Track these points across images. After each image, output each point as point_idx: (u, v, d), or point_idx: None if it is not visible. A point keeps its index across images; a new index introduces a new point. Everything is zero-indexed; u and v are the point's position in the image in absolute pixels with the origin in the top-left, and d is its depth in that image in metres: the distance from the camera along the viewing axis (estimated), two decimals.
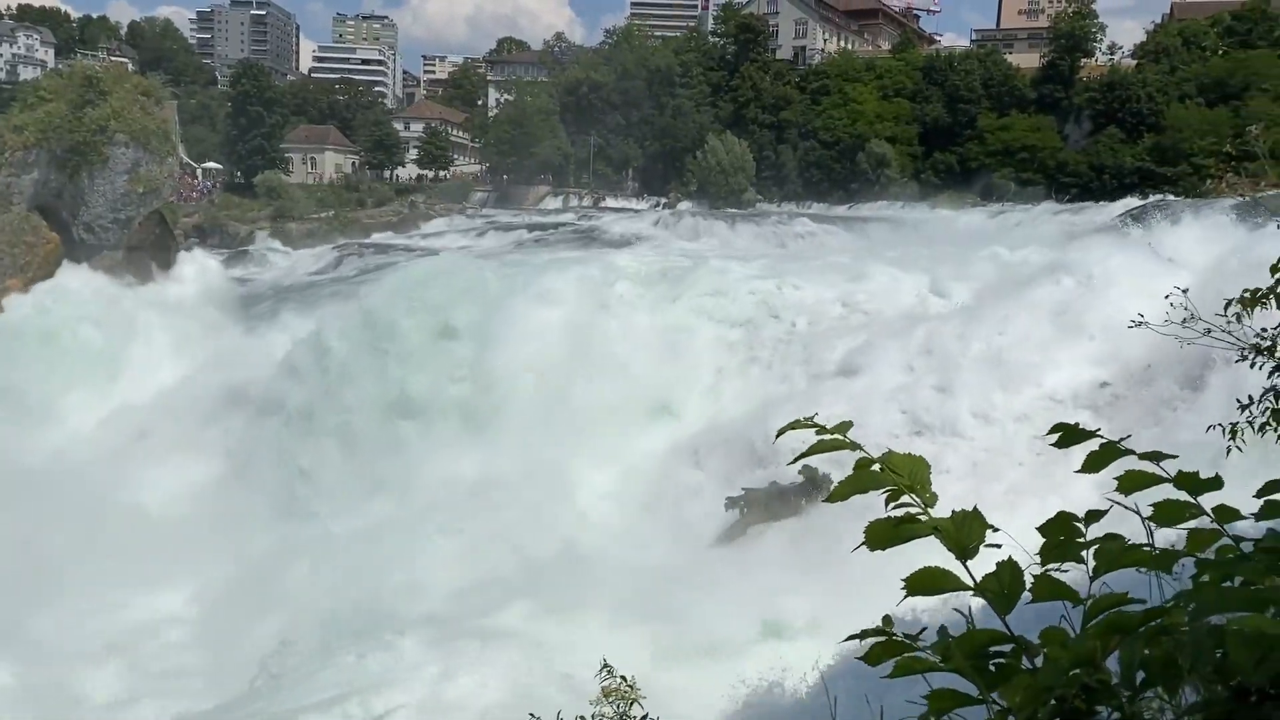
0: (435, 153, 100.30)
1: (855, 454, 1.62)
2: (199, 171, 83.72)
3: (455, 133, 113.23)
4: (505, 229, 64.46)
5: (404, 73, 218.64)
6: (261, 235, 65.19)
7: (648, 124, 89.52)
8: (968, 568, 1.51)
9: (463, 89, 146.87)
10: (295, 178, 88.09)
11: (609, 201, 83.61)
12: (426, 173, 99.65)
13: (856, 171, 77.56)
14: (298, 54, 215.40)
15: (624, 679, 5.33)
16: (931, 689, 1.43)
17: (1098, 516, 1.58)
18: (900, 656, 1.45)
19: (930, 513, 1.53)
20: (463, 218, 74.85)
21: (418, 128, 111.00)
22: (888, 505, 1.52)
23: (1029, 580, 1.52)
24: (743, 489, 20.31)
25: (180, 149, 68.76)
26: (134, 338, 36.55)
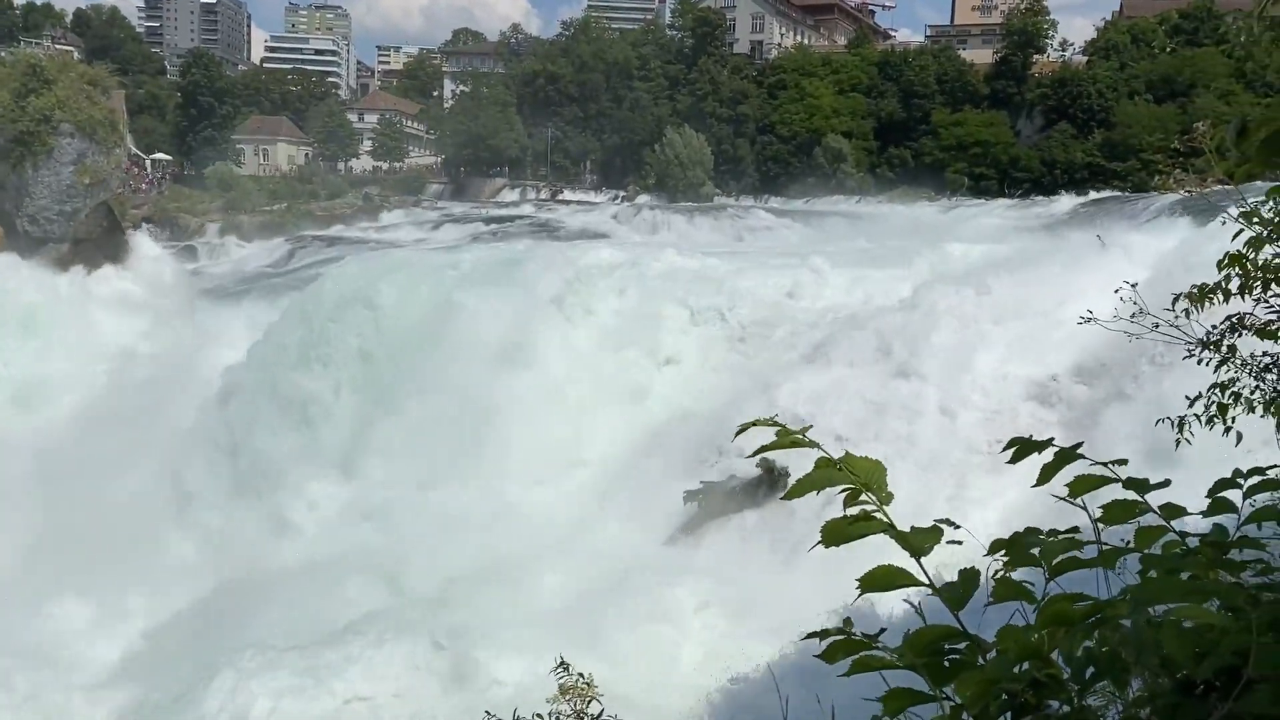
0: (390, 144, 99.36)
1: (814, 451, 1.63)
2: (148, 163, 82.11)
3: (410, 124, 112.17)
4: (462, 221, 64.03)
5: (358, 63, 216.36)
6: (212, 228, 64.15)
7: (605, 117, 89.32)
8: (922, 565, 1.52)
9: (418, 80, 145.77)
10: (247, 169, 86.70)
11: (567, 194, 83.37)
12: (381, 165, 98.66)
13: (813, 166, 77.97)
14: (249, 43, 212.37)
15: (581, 676, 5.29)
16: (889, 688, 1.44)
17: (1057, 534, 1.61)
18: (857, 655, 1.46)
19: (886, 511, 1.55)
20: (419, 210, 74.21)
21: (372, 119, 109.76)
22: (845, 504, 1.54)
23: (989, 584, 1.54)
24: (701, 482, 20.34)
25: (128, 140, 67.44)
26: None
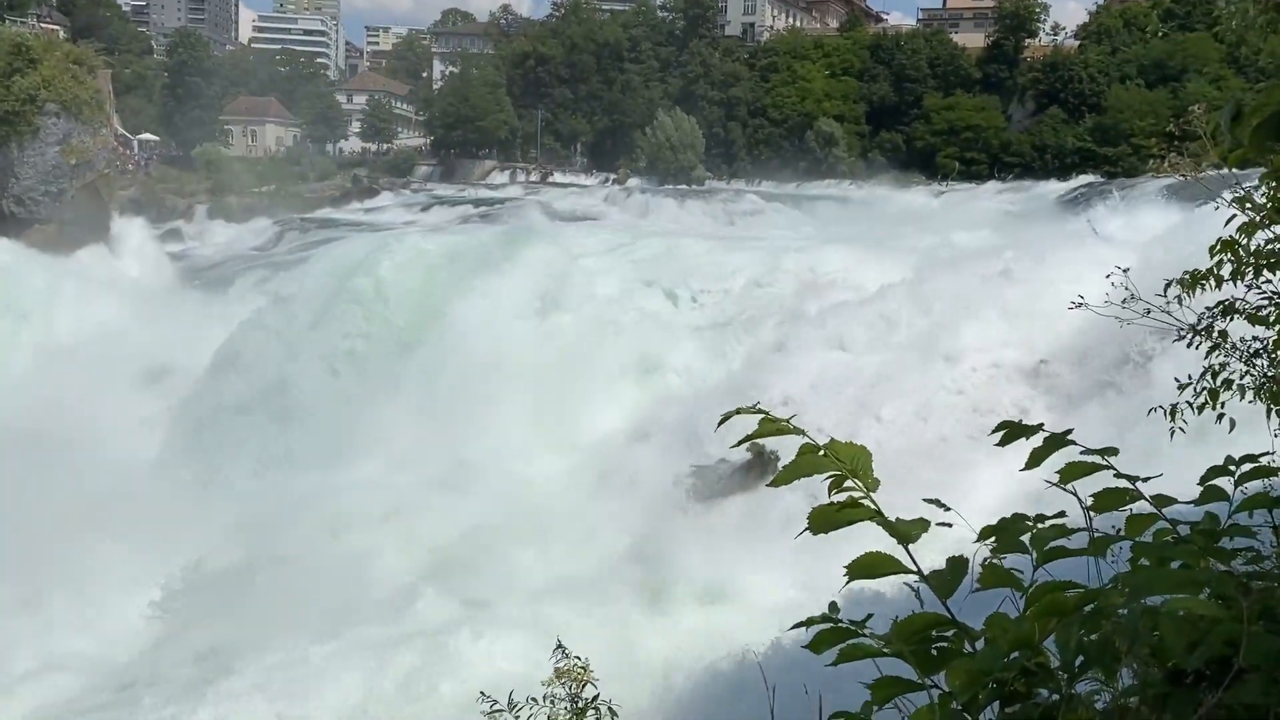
0: (379, 126, 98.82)
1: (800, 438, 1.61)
2: (135, 143, 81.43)
3: (399, 105, 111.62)
4: (451, 204, 63.83)
5: (347, 44, 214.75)
6: (200, 209, 63.78)
7: (596, 99, 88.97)
8: (909, 552, 1.50)
9: (407, 61, 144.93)
10: (235, 150, 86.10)
11: (557, 177, 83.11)
12: (370, 146, 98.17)
13: (805, 150, 77.88)
14: (237, 23, 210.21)
15: (578, 659, 5.28)
16: (880, 675, 1.42)
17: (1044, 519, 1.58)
18: (844, 643, 1.44)
19: (872, 497, 1.53)
20: (407, 192, 73.91)
21: (361, 100, 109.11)
22: (830, 491, 1.51)
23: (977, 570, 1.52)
24: (692, 466, 20.39)
25: (115, 120, 66.70)
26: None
